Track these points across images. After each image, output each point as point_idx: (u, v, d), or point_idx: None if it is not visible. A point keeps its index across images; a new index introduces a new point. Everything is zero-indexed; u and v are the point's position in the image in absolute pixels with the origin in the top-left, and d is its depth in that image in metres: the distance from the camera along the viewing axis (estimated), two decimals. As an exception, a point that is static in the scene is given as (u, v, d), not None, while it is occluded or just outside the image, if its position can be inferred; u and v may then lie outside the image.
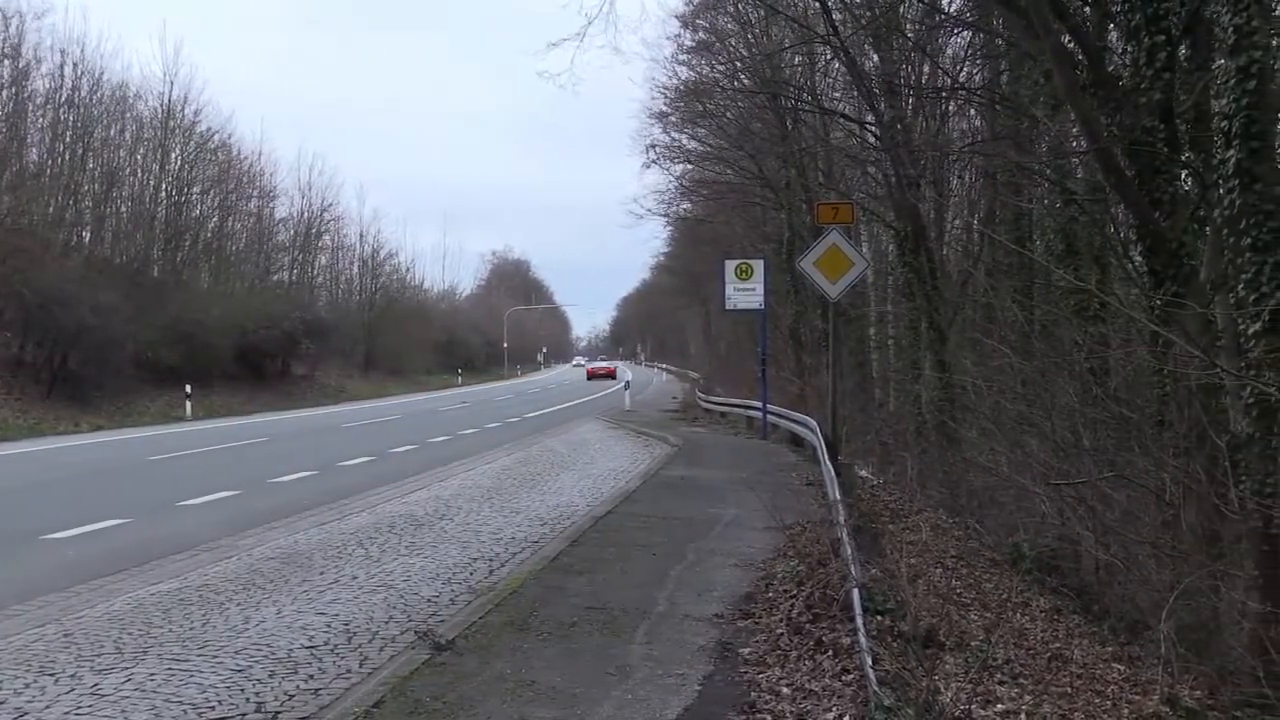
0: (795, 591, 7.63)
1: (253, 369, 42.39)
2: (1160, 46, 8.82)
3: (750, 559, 9.35)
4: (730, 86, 27.47)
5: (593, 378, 73.95)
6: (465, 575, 8.96)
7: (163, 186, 42.75)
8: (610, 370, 79.16)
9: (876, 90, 18.38)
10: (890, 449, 19.82)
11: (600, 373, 77.29)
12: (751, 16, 26.67)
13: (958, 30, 17.81)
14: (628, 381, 42.40)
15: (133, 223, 41.29)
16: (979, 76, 18.13)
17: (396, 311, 67.73)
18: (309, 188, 57.19)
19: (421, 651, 6.35)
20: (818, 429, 16.59)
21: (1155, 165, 8.94)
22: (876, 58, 19.10)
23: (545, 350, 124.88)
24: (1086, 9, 11.00)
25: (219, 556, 9.76)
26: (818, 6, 18.06)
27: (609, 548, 9.88)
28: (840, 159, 24.92)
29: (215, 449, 21.52)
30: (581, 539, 10.40)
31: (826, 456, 13.67)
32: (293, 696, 5.72)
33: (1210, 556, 7.56)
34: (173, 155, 43.39)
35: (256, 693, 5.76)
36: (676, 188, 38.12)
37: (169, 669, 6.17)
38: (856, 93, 20.71)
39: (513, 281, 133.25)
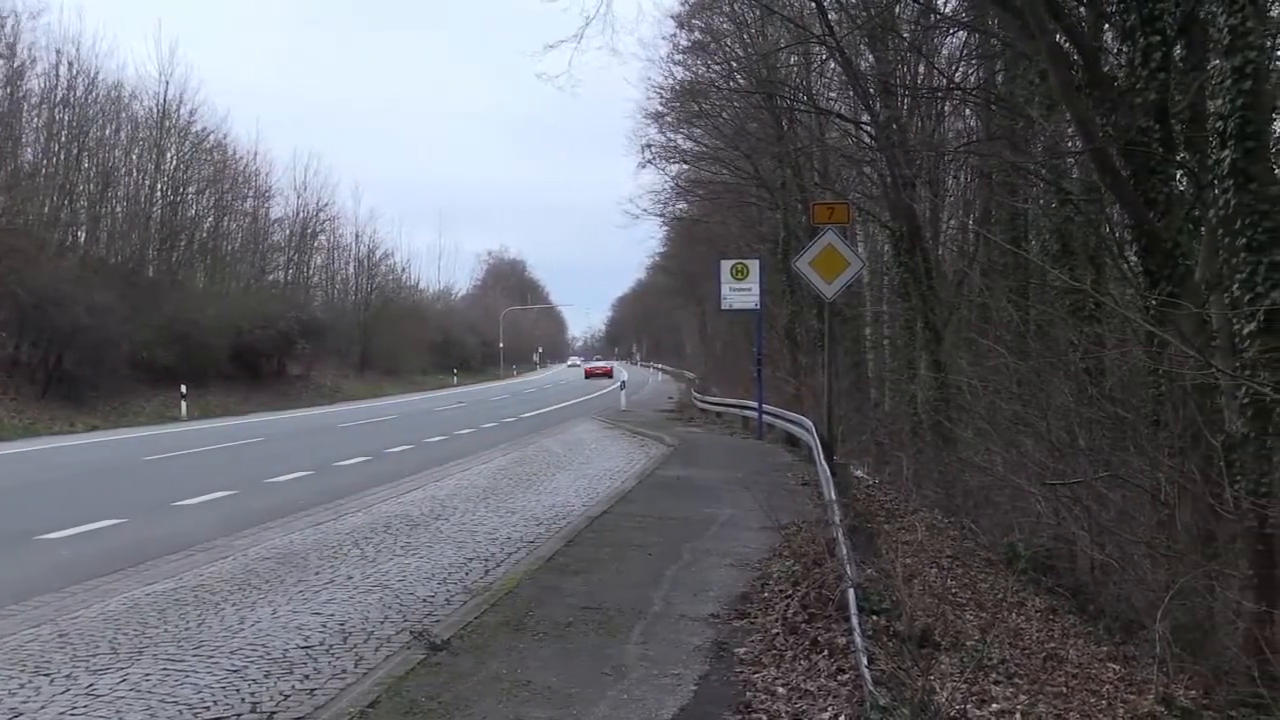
0: (791, 591, 7.64)
1: (248, 369, 42.35)
2: (1155, 46, 8.82)
3: (746, 559, 9.35)
4: (726, 86, 27.46)
5: (590, 376, 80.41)
6: (461, 575, 8.96)
7: (158, 186, 42.73)
8: (607, 370, 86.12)
9: (872, 90, 18.40)
10: (886, 449, 19.84)
11: (598, 372, 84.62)
12: (747, 16, 26.63)
13: (953, 30, 17.82)
14: (623, 381, 42.41)
15: (128, 223, 41.24)
16: (974, 76, 18.15)
17: (392, 311, 67.71)
18: (304, 187, 57.26)
19: (417, 652, 6.35)
20: (813, 429, 16.60)
21: (1150, 165, 8.94)
22: (872, 58, 19.08)
23: (541, 350, 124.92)
24: (1082, 9, 11.01)
25: (214, 557, 9.76)
26: (813, 6, 18.04)
27: (605, 548, 9.88)
28: (836, 159, 24.92)
29: (211, 449, 21.50)
30: (577, 539, 10.41)
31: (822, 456, 13.67)
32: (288, 697, 5.72)
33: (1205, 556, 7.57)
34: (168, 155, 43.40)
35: (252, 693, 5.76)
36: (672, 188, 38.14)
37: (164, 669, 6.17)
38: (852, 93, 20.72)
39: (509, 281, 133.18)
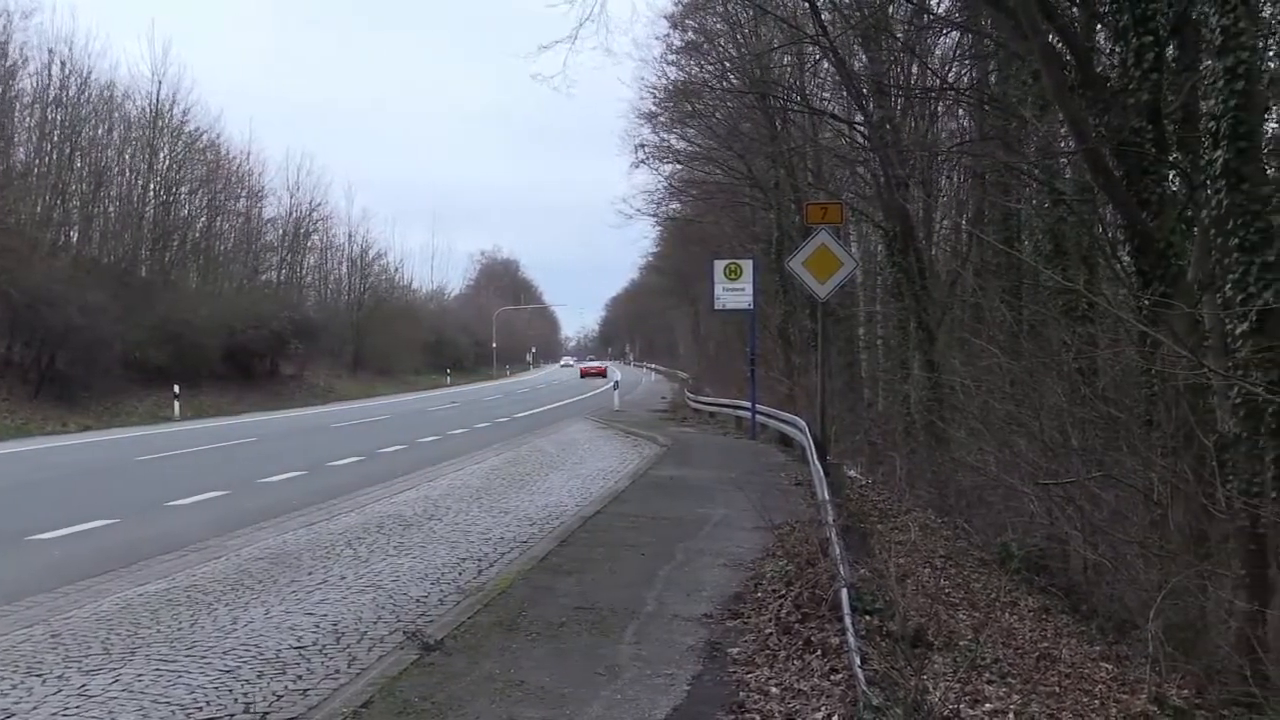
0: (784, 591, 7.64)
1: (241, 369, 42.25)
2: (1148, 47, 8.85)
3: (739, 559, 9.35)
4: (719, 86, 27.47)
5: (585, 376, 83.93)
6: (454, 575, 8.95)
7: (151, 186, 42.57)
8: (601, 369, 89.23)
9: (865, 90, 18.41)
10: (879, 449, 19.86)
11: (592, 371, 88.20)
12: (740, 16, 26.63)
13: (946, 31, 17.85)
14: (616, 381, 42.44)
15: (121, 222, 41.12)
16: (967, 77, 18.17)
17: (385, 311, 67.60)
18: (297, 187, 57.11)
19: (410, 652, 6.34)
20: (806, 429, 16.62)
21: (1143, 166, 8.97)
22: (865, 58, 19.12)
23: (534, 350, 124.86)
24: (1074, 9, 11.04)
25: (207, 557, 9.73)
26: (807, 7, 18.06)
27: (598, 548, 9.87)
28: (829, 159, 24.94)
29: (204, 449, 21.45)
30: (570, 539, 10.40)
31: (815, 456, 13.69)
32: (281, 697, 5.71)
33: (1198, 556, 7.59)
34: (161, 155, 43.22)
35: (245, 693, 5.75)
36: (665, 188, 38.15)
37: (157, 670, 6.15)
38: (845, 93, 20.73)
39: (502, 281, 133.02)
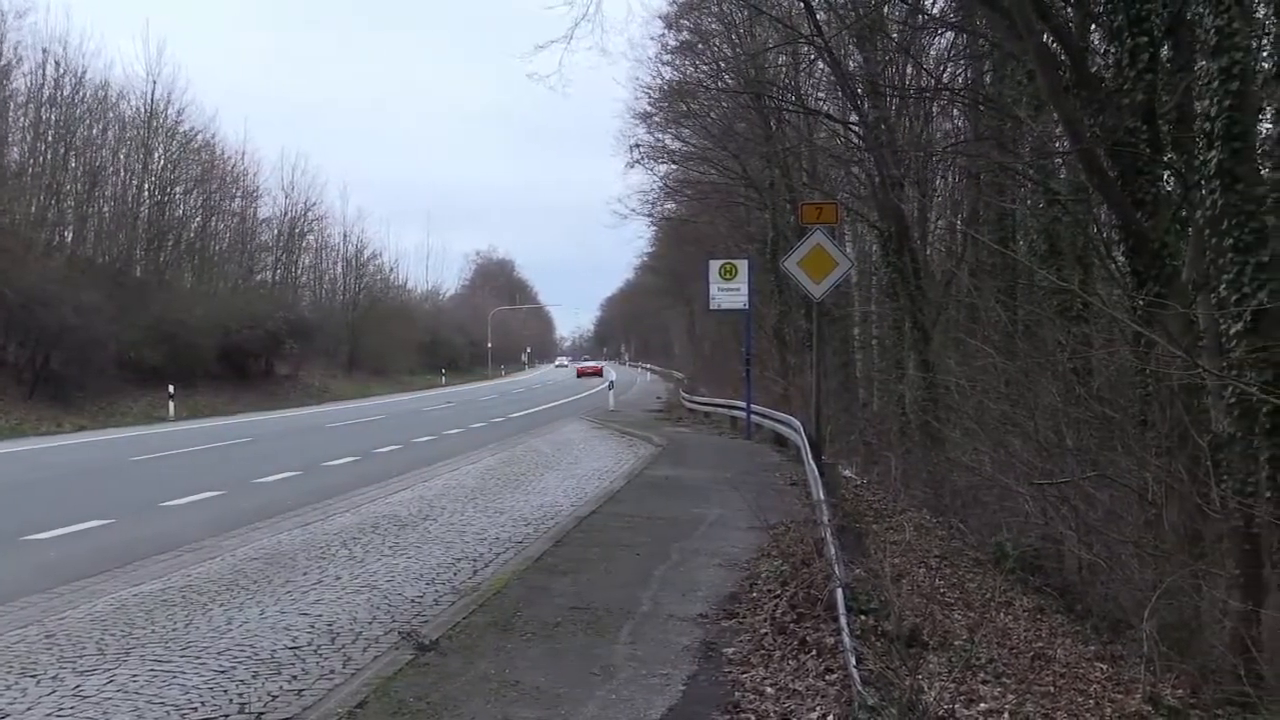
0: (779, 591, 7.64)
1: (236, 369, 42.21)
2: (1143, 48, 8.86)
3: (734, 559, 9.36)
4: (714, 87, 27.50)
5: (582, 375, 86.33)
6: (449, 575, 8.95)
7: (145, 186, 42.51)
8: (597, 369, 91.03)
9: (860, 90, 18.44)
10: (874, 449, 19.88)
11: (588, 371, 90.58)
12: (735, 17, 26.67)
13: (941, 31, 17.86)
14: (611, 382, 42.43)
15: (115, 222, 41.05)
16: (962, 77, 18.20)
17: (380, 311, 67.56)
18: (292, 187, 57.03)
19: (405, 652, 6.33)
20: (802, 429, 16.61)
21: (1138, 166, 8.98)
22: (860, 58, 19.13)
23: (530, 350, 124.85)
24: (1069, 10, 11.04)
25: (202, 557, 9.72)
26: (801, 7, 18.08)
27: (593, 548, 9.87)
28: (824, 159, 24.94)
29: (199, 449, 21.42)
30: (566, 539, 10.39)
31: (810, 456, 13.68)
32: (276, 697, 5.71)
33: (1192, 555, 7.60)
34: (155, 155, 43.18)
35: (240, 693, 5.74)
36: (661, 188, 38.13)
37: (151, 670, 6.15)
38: (841, 93, 20.77)
39: (497, 281, 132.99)
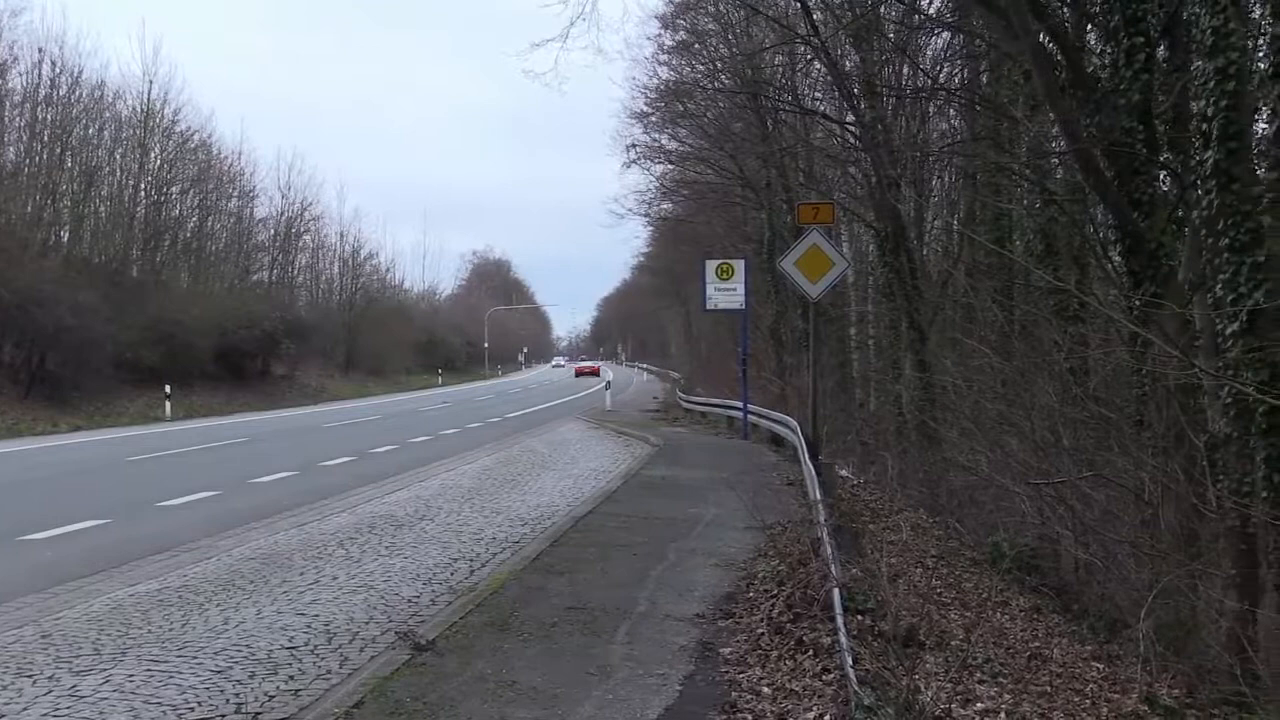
0: (776, 591, 7.63)
1: (233, 369, 42.18)
2: (1139, 48, 8.87)
3: (731, 559, 9.35)
4: (710, 86, 27.52)
5: (580, 374, 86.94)
6: (446, 576, 8.94)
7: (142, 186, 42.52)
8: (595, 369, 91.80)
9: (857, 90, 18.45)
10: (871, 449, 19.88)
11: (587, 370, 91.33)
12: (732, 16, 26.67)
13: (937, 31, 17.89)
14: (608, 381, 42.44)
15: (112, 222, 41.03)
16: (959, 77, 18.22)
17: (377, 311, 67.61)
18: (289, 187, 57.35)
19: (402, 652, 6.33)
20: (798, 429, 16.61)
21: (1134, 166, 8.99)
22: (857, 58, 19.15)
23: (526, 350, 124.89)
24: (1065, 10, 11.05)
25: (199, 557, 9.71)
26: (798, 7, 18.10)
27: (590, 548, 9.87)
28: (821, 159, 24.97)
29: (195, 449, 21.40)
30: (562, 539, 10.39)
31: (807, 456, 13.68)
32: (273, 697, 5.70)
33: (1188, 555, 7.61)
34: (152, 155, 43.19)
35: (236, 693, 5.73)
36: (657, 188, 38.16)
37: (148, 670, 6.14)
38: (837, 93, 20.76)
39: (493, 281, 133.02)
